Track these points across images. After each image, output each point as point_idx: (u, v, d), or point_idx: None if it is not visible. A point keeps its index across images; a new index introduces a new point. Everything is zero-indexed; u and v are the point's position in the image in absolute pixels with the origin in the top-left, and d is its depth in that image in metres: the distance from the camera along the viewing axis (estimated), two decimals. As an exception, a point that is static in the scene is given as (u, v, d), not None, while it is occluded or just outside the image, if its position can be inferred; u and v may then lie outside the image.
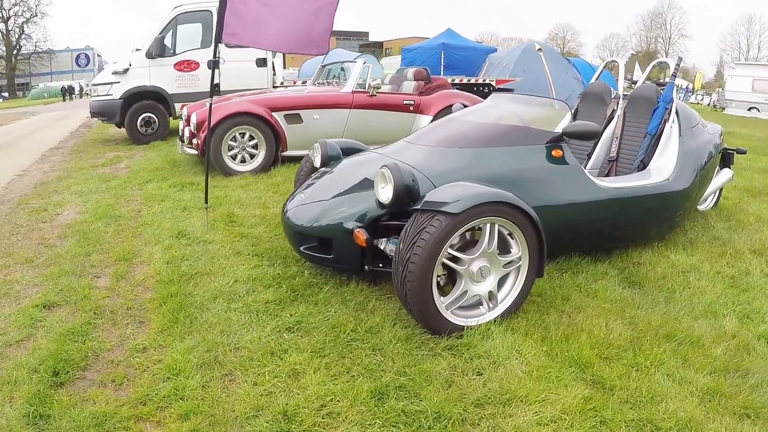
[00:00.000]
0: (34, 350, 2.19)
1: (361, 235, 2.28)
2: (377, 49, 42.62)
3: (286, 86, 10.85)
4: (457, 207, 2.03)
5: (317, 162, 3.26)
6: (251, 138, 6.10)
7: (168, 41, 9.22)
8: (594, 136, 2.73)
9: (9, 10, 41.83)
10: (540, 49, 12.59)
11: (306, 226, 2.59)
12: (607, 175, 3.59)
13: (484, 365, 1.93)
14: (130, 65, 9.27)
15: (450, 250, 2.10)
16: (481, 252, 2.17)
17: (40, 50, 44.05)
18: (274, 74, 10.89)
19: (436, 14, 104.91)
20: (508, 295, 2.27)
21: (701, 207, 4.17)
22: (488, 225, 2.14)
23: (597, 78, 4.45)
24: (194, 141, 6.06)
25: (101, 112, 9.45)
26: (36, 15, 44.15)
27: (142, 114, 9.58)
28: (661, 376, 1.87)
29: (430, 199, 2.08)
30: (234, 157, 6.08)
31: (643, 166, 3.44)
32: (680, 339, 2.16)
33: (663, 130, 3.47)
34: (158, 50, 9.00)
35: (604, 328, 2.20)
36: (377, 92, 6.54)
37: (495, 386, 1.78)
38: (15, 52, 43.22)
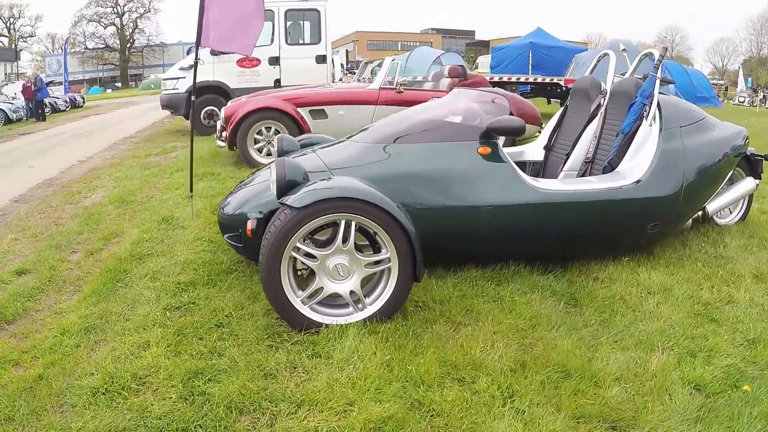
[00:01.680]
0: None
1: (248, 225, 2.52)
2: (483, 47, 42.59)
3: (345, 82, 11.41)
4: (301, 201, 2.14)
5: (274, 157, 3.57)
6: (277, 132, 6.61)
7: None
8: (518, 133, 2.66)
9: (123, 6, 48.24)
10: (624, 50, 12.05)
11: (225, 215, 2.90)
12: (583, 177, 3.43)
13: (319, 365, 2.04)
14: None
15: (300, 245, 2.22)
16: (335, 249, 2.24)
17: (153, 44, 50.17)
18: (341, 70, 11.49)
19: (548, 13, 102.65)
20: (379, 297, 2.30)
21: (722, 220, 3.91)
22: (343, 222, 2.21)
23: (591, 71, 4.22)
24: (223, 134, 6.73)
25: (169, 105, 10.76)
26: (149, 11, 50.47)
27: (205, 107, 10.67)
28: (505, 409, 1.75)
29: (290, 193, 2.25)
30: (260, 150, 6.64)
31: (611, 168, 3.22)
32: (572, 370, 1.98)
33: (638, 128, 3.22)
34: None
35: (487, 348, 2.12)
36: (404, 89, 6.71)
37: (307, 386, 1.89)
38: (128, 45, 49.69)
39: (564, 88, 10.93)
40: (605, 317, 2.47)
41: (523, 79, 11.45)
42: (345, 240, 2.22)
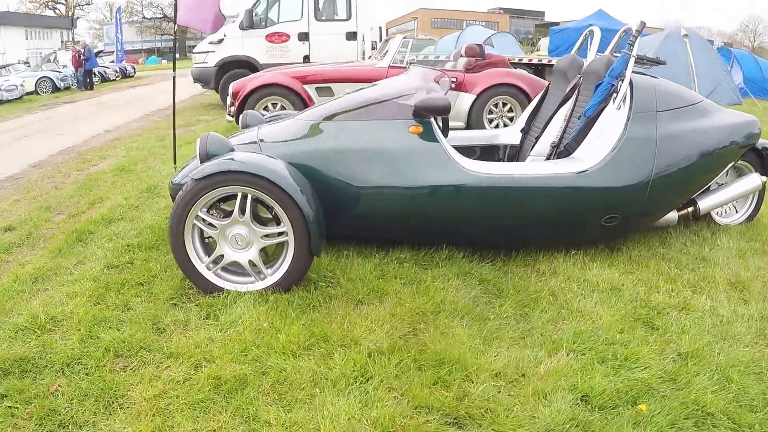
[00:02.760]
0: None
1: (171, 193, 2.85)
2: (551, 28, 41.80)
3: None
4: (201, 173, 2.40)
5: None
6: (283, 108, 6.95)
7: (262, 14, 10.64)
8: (442, 112, 2.73)
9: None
10: (686, 35, 11.70)
11: (173, 184, 3.23)
12: None
13: (206, 325, 2.32)
14: (225, 36, 10.92)
15: (202, 214, 2.49)
16: (233, 220, 2.49)
17: (211, 15, 51.75)
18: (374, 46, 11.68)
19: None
20: (279, 269, 2.54)
21: (723, 220, 3.77)
22: (240, 194, 2.44)
23: (577, 49, 4.18)
24: (232, 109, 7.16)
25: (199, 78, 11.36)
26: (208, -17, 52.06)
27: (232, 82, 11.23)
28: (351, 388, 1.87)
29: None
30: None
31: (567, 152, 3.17)
32: (449, 360, 2.04)
33: (602, 111, 3.14)
34: (248, 22, 10.44)
35: (374, 328, 2.26)
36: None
37: (183, 342, 2.18)
38: (187, 17, 51.60)
39: None
40: (524, 311, 2.49)
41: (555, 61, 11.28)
42: (243, 211, 2.48)
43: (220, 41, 10.96)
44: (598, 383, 1.93)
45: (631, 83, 3.12)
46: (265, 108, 7.02)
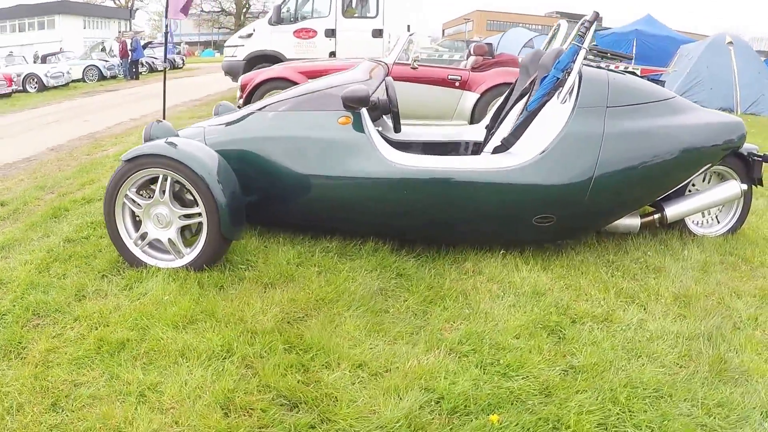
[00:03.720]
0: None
1: None
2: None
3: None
4: (127, 155, 2.73)
5: None
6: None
7: (291, 10, 11.11)
8: (362, 103, 2.89)
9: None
10: (731, 43, 11.45)
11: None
12: None
13: (120, 294, 2.62)
14: (254, 31, 11.46)
15: (131, 194, 2.79)
16: (154, 200, 2.77)
17: (268, 10, 53.59)
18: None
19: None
20: (194, 249, 2.80)
21: (701, 230, 3.65)
22: (161, 176, 2.73)
23: (546, 46, 4.22)
24: (240, 101, 7.57)
25: (228, 71, 11.97)
26: (266, -24, 53.72)
27: (254, 75, 11.77)
28: (182, 360, 2.08)
29: None
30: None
31: (505, 147, 3.21)
32: (309, 346, 2.19)
33: (544, 105, 3.15)
34: (276, 18, 10.93)
35: (263, 310, 2.46)
36: (419, 65, 7.03)
37: (90, 307, 2.50)
38: (244, 10, 53.46)
39: (645, 78, 10.60)
40: (426, 308, 2.58)
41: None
42: (165, 192, 2.78)
43: (249, 36, 11.51)
44: (460, 387, 1.95)
45: (580, 76, 3.10)
46: (272, 102, 7.38)
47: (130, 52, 20.18)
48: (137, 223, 2.91)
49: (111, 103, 12.41)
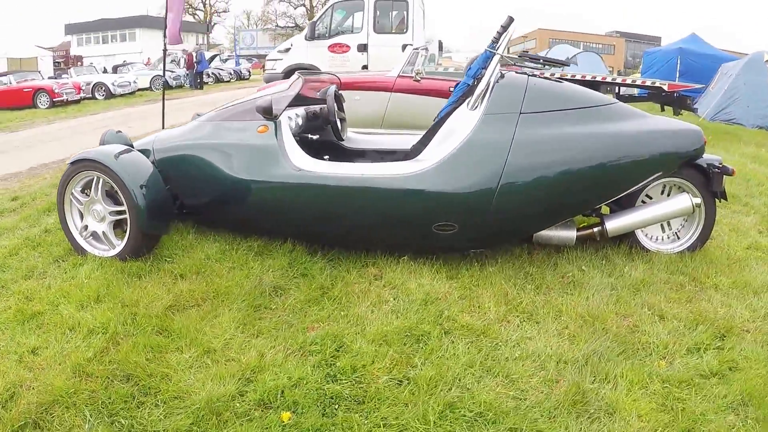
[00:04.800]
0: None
1: None
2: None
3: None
4: (71, 159, 3.21)
5: None
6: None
7: (325, 26, 11.74)
8: (266, 113, 3.16)
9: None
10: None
11: None
12: None
13: (57, 276, 3.09)
14: (292, 45, 12.16)
15: (75, 192, 3.26)
16: (91, 198, 3.22)
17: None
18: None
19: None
20: (123, 241, 3.21)
21: (655, 245, 3.51)
22: (95, 177, 3.18)
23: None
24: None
25: (269, 83, 12.72)
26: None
27: (287, 88, 12.52)
28: (75, 336, 2.46)
29: None
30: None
31: (414, 155, 3.31)
32: (175, 333, 2.48)
33: (452, 112, 3.21)
34: (311, 33, 11.57)
35: (158, 297, 2.80)
36: (421, 78, 7.29)
37: (28, 285, 2.98)
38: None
39: (672, 94, 10.22)
40: (303, 307, 2.78)
41: (629, 81, 11.03)
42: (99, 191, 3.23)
43: (287, 50, 12.21)
44: (278, 382, 2.10)
45: (492, 83, 3.09)
46: (285, 113, 7.89)
47: (195, 64, 21.63)
48: (82, 217, 3.39)
49: (159, 112, 13.46)
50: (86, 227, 3.34)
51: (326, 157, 3.86)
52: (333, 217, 3.22)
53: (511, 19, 3.28)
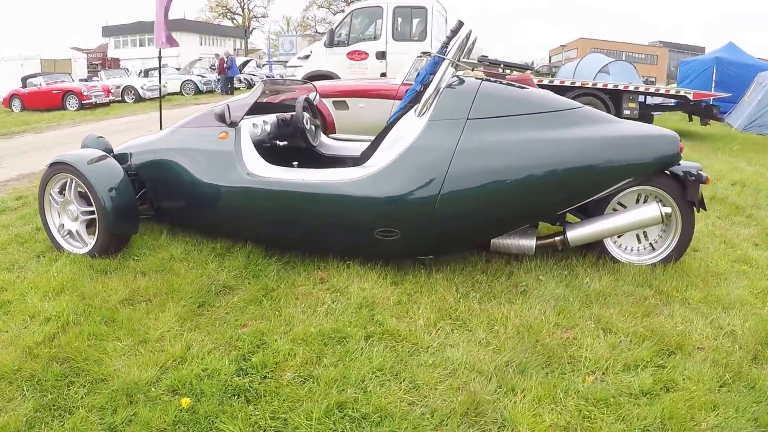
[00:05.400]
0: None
1: None
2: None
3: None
4: (48, 162, 3.56)
5: None
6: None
7: (344, 33, 12.10)
8: (221, 121, 3.47)
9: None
10: None
11: None
12: None
13: (36, 270, 3.44)
14: (311, 53, 12.56)
15: (53, 192, 3.62)
16: (66, 198, 3.57)
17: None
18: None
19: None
20: (94, 240, 3.53)
21: (628, 257, 3.49)
22: (69, 179, 3.51)
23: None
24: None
25: (284, 91, 13.23)
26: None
27: (308, 94, 12.90)
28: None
29: None
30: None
31: (363, 160, 3.45)
32: (119, 322, 2.78)
33: (400, 118, 3.32)
34: (330, 40, 11.94)
35: (114, 290, 3.11)
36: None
37: (7, 277, 3.36)
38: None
39: (699, 103, 10.11)
40: (244, 306, 2.99)
41: (652, 89, 10.98)
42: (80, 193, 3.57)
43: (307, 57, 12.62)
44: (189, 372, 2.33)
45: (440, 88, 3.14)
46: (291, 119, 8.22)
47: (225, 69, 22.35)
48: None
49: (188, 114, 14.06)
50: (62, 225, 3.69)
51: (295, 163, 4.10)
52: (281, 221, 3.43)
53: (460, 23, 3.37)
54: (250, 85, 27.20)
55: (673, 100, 11.48)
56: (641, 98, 11.28)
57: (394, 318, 2.87)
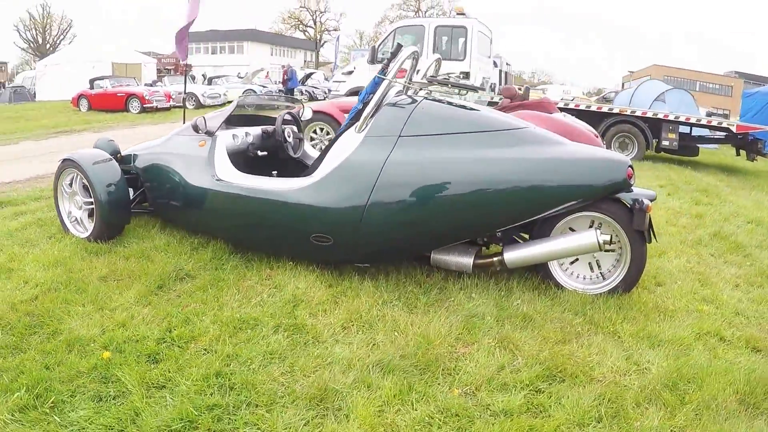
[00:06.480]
0: None
1: None
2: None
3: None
4: (60, 158, 4.40)
5: None
6: (327, 133, 8.83)
7: (386, 51, 12.85)
8: (195, 130, 4.21)
9: (425, 12, 56.00)
10: None
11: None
12: None
13: (45, 247, 4.30)
14: (355, 69, 13.41)
15: (64, 184, 4.45)
16: (73, 190, 4.39)
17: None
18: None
19: None
20: (92, 227, 4.33)
21: (574, 284, 3.62)
22: (75, 174, 4.33)
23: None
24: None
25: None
26: (447, 15, 57.36)
27: (353, 110, 13.71)
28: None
29: None
30: (314, 146, 8.97)
31: (312, 171, 3.84)
32: (96, 304, 3.55)
33: (342, 134, 3.71)
34: (372, 57, 12.72)
35: (93, 267, 3.85)
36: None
37: (11, 251, 4.22)
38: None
39: (746, 136, 9.87)
40: (193, 291, 3.59)
41: (692, 119, 10.73)
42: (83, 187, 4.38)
43: (350, 73, 13.45)
44: (122, 334, 2.97)
45: (379, 107, 3.49)
46: (314, 131, 8.95)
47: (287, 81, 23.69)
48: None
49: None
50: (71, 213, 4.51)
51: (274, 172, 4.74)
52: (239, 223, 4.06)
53: (399, 46, 3.81)
54: (311, 97, 28.56)
55: (722, 133, 11.20)
56: (686, 129, 11.15)
57: (310, 315, 3.33)
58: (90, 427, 2.27)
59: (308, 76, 29.91)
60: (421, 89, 4.05)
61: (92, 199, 4.32)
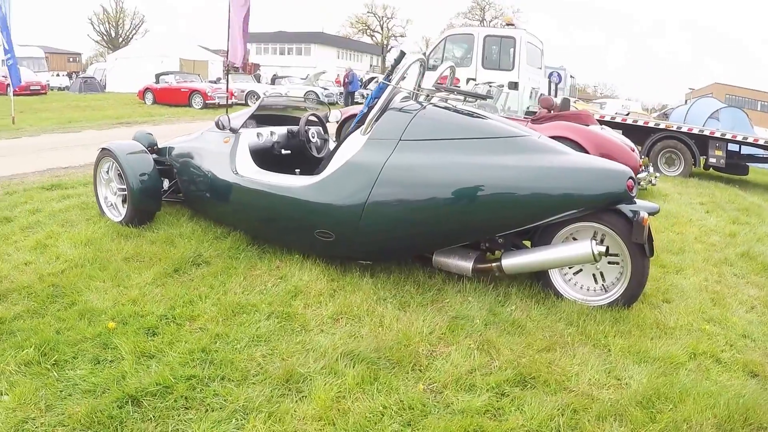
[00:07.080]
0: None
1: None
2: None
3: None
4: (101, 147, 4.83)
5: None
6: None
7: (438, 58, 13.06)
8: (218, 128, 4.58)
9: (490, 21, 55.68)
10: None
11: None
12: None
13: (79, 226, 4.77)
14: (406, 76, 13.65)
15: (101, 172, 4.90)
16: (109, 178, 4.84)
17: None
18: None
19: None
20: (125, 212, 4.75)
21: (575, 295, 3.65)
22: (111, 162, 4.76)
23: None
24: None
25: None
26: (511, 26, 56.96)
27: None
28: None
29: None
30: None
31: (321, 170, 4.02)
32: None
33: (348, 135, 3.88)
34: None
35: (120, 247, 4.23)
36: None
37: (56, 228, 4.70)
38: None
39: None
40: (204, 276, 3.90)
41: (729, 136, 10.38)
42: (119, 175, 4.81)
43: (404, 79, 13.67)
44: (131, 309, 3.28)
45: (384, 111, 3.67)
46: (341, 136, 9.26)
47: (347, 84, 24.23)
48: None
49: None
50: (107, 198, 4.95)
51: (297, 170, 5.02)
52: (255, 215, 4.36)
53: (402, 54, 4.02)
54: (372, 101, 29.08)
55: None
56: (735, 147, 10.88)
57: (305, 305, 3.53)
58: (82, 384, 2.58)
59: (370, 80, 30.40)
60: (428, 96, 4.22)
61: (125, 186, 4.74)
